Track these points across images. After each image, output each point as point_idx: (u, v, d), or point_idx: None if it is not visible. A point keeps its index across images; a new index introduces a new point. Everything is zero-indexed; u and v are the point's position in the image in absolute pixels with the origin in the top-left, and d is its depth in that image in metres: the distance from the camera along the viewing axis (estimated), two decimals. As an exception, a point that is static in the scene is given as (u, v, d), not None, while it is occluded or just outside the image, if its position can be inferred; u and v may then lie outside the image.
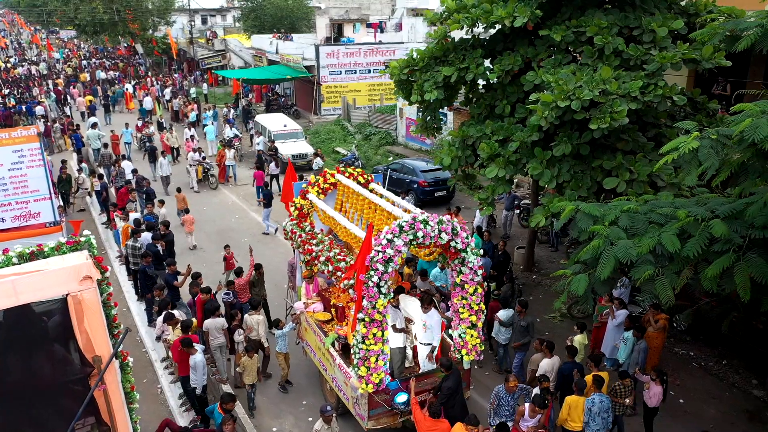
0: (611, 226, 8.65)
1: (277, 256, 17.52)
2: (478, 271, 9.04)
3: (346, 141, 30.02)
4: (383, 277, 8.13)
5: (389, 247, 8.10)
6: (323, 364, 10.29)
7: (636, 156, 10.93)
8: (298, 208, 11.17)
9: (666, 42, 10.82)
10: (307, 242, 10.55)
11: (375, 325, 8.35)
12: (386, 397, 8.80)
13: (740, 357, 12.55)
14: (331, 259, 9.74)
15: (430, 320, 9.38)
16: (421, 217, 8.38)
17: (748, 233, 7.90)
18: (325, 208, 10.54)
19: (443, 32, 12.90)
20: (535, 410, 8.60)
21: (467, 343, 9.28)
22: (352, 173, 11.15)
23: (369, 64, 35.01)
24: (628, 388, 9.50)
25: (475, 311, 9.20)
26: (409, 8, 53.92)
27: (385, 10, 65.68)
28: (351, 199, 10.84)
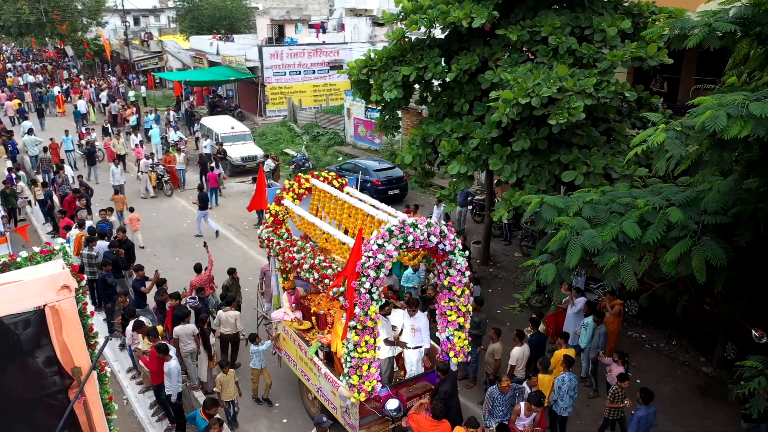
0: (575, 217, 9.06)
1: (234, 259, 17.32)
2: (466, 273, 9.02)
3: (294, 142, 29.85)
4: (375, 283, 8.00)
5: (380, 252, 7.96)
6: (306, 374, 10.04)
7: (591, 150, 11.45)
8: (273, 215, 10.79)
9: (615, 41, 11.41)
10: (286, 250, 10.15)
11: (367, 333, 8.18)
12: (377, 405, 8.68)
13: (688, 337, 13.34)
14: (316, 266, 9.40)
15: (418, 323, 9.28)
16: (410, 221, 8.30)
17: (702, 219, 8.47)
18: (303, 214, 10.23)
19: (401, 32, 13.10)
20: (531, 408, 8.71)
21: (455, 345, 9.23)
22: (326, 177, 10.98)
23: (313, 64, 34.91)
24: (624, 391, 9.49)
25: (462, 313, 9.14)
26: (348, 8, 54.09)
27: (323, 11, 65.56)
28: (328, 204, 10.58)
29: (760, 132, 6.21)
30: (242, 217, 20.76)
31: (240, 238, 18.99)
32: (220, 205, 22.00)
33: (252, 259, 17.44)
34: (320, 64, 35.01)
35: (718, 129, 6.28)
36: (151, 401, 10.45)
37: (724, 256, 8.05)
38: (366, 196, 10.49)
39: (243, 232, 19.54)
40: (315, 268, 9.32)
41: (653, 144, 6.50)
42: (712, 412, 11.05)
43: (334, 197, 10.30)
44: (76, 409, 6.92)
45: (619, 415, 9.61)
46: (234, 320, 11.31)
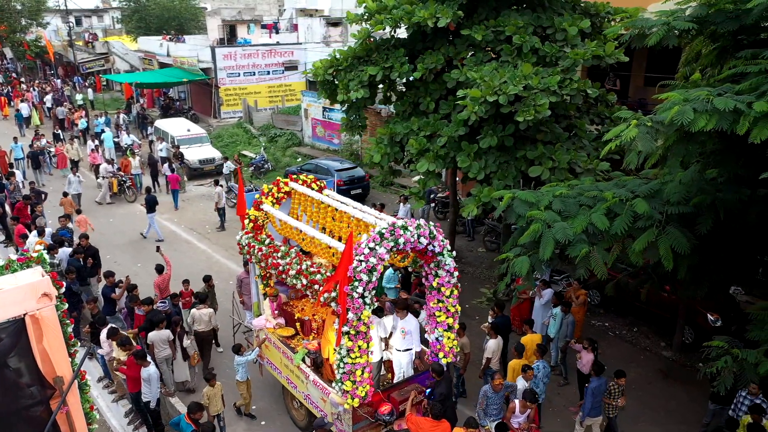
0: (546, 211, 9.36)
1: (199, 263, 17.08)
2: (454, 273, 9.02)
3: (251, 144, 29.55)
4: (368, 287, 7.91)
5: (372, 255, 7.86)
6: (292, 382, 9.86)
7: (555, 146, 11.81)
8: (252, 220, 10.51)
9: (576, 40, 11.82)
10: (269, 256, 9.85)
11: (360, 337, 8.10)
12: (369, 410, 8.60)
13: (648, 324, 13.93)
14: (303, 272, 9.10)
15: (408, 326, 9.18)
16: (400, 223, 8.24)
17: (665, 210, 8.90)
18: (286, 218, 10.01)
19: (366, 32, 13.20)
20: (526, 405, 8.85)
21: (444, 346, 9.20)
22: (305, 180, 10.78)
23: (268, 65, 34.61)
24: (622, 388, 9.59)
25: (451, 313, 9.14)
26: (298, 9, 53.74)
27: (273, 11, 64.92)
28: (309, 208, 10.41)
29: (724, 125, 6.60)
30: (203, 221, 20.46)
31: (203, 242, 18.71)
32: (181, 209, 21.61)
33: (217, 263, 17.24)
34: (275, 65, 34.74)
35: (686, 123, 6.64)
36: (125, 410, 10.23)
37: (688, 244, 8.49)
38: (347, 199, 10.34)
39: (205, 235, 19.26)
40: (303, 274, 9.05)
41: (626, 139, 6.81)
42: (676, 393, 11.59)
43: (317, 201, 10.12)
44: (59, 419, 6.76)
45: (615, 412, 9.71)
46: (208, 318, 11.44)
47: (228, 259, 17.49)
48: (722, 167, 8.11)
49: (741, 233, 9.12)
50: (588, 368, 10.53)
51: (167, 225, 20.08)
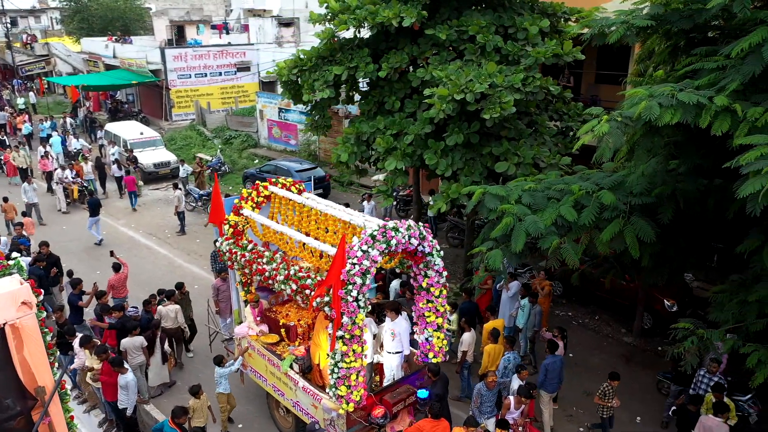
0: (517, 205, 9.65)
1: (161, 269, 16.77)
2: (443, 273, 9.01)
3: (205, 146, 29.08)
4: (361, 290, 7.80)
5: (365, 258, 7.77)
6: (278, 389, 9.64)
7: (519, 142, 12.16)
8: (232, 226, 10.18)
9: (537, 39, 12.19)
10: (254, 262, 9.56)
11: (355, 341, 8.01)
12: (362, 413, 8.52)
13: (609, 312, 14.48)
14: (292, 277, 8.80)
15: (398, 328, 9.10)
16: (390, 224, 8.17)
17: (629, 200, 9.32)
18: (269, 223, 9.76)
19: (330, 32, 13.25)
20: (521, 401, 8.98)
21: (434, 346, 9.18)
22: (284, 183, 10.57)
23: (219, 66, 34.11)
24: (615, 389, 9.68)
25: (441, 313, 9.12)
26: (246, 9, 53.12)
27: (220, 11, 63.88)
28: (291, 213, 10.12)
29: (688, 118, 6.99)
30: (162, 225, 20.05)
31: (163, 247, 18.34)
32: (138, 214, 21.13)
33: (179, 267, 16.94)
34: (227, 66, 34.28)
35: (653, 117, 7.00)
36: (99, 420, 9.99)
37: (652, 232, 8.94)
38: (330, 202, 10.18)
39: (165, 240, 18.89)
40: (292, 279, 8.77)
41: (599, 133, 7.12)
42: (638, 376, 12.10)
43: (299, 204, 9.92)
44: (41, 431, 6.59)
45: (609, 413, 9.82)
46: (174, 314, 11.41)
47: (190, 264, 17.21)
48: (684, 158, 8.55)
49: (699, 222, 9.64)
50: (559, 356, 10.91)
51: (125, 231, 19.60)
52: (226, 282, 11.96)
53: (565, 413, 11.03)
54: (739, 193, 6.21)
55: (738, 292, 8.88)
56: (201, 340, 12.52)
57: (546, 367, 10.27)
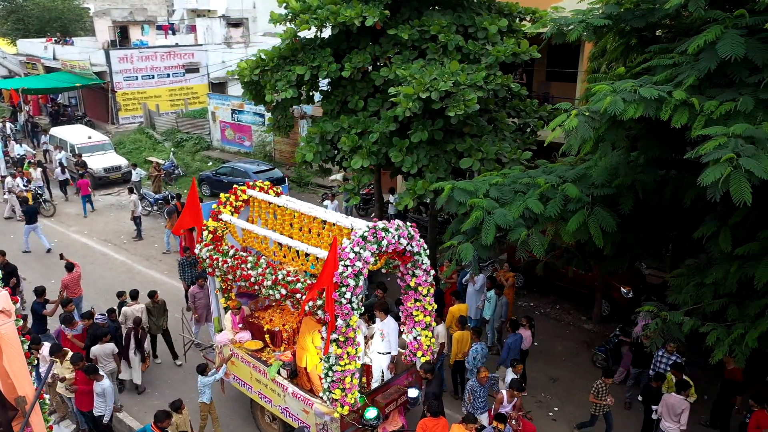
0: (485, 199, 9.94)
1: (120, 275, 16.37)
2: (430, 272, 9.06)
3: (156, 150, 28.47)
4: (355, 292, 7.80)
5: (357, 259, 7.75)
6: (265, 396, 9.45)
7: (481, 138, 12.48)
8: (211, 231, 9.94)
9: (497, 38, 12.54)
10: (237, 267, 9.29)
11: (349, 344, 7.96)
12: (355, 416, 8.42)
13: (568, 301, 15.03)
14: (281, 281, 8.59)
15: (387, 328, 9.12)
16: (380, 225, 8.17)
17: (591, 192, 9.75)
18: (254, 228, 9.55)
19: (292, 32, 13.24)
20: (514, 394, 9.14)
21: (422, 345, 9.22)
22: (262, 187, 10.36)
23: (167, 67, 33.42)
24: (608, 387, 9.79)
25: (428, 311, 9.17)
26: (189, 9, 52.09)
27: (162, 11, 62.39)
28: (271, 215, 9.94)
29: (650, 112, 7.40)
30: (117, 231, 19.56)
31: (121, 253, 17.90)
32: (91, 220, 20.53)
33: (139, 273, 16.58)
34: (175, 67, 33.62)
35: (618, 112, 7.38)
36: (70, 431, 9.73)
37: (614, 222, 9.38)
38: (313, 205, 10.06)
39: (122, 246, 18.43)
40: (281, 284, 8.56)
41: (569, 127, 7.45)
42: (600, 361, 12.63)
43: (280, 207, 9.76)
44: (21, 442, 6.42)
45: (604, 410, 9.91)
46: (140, 313, 11.31)
47: (150, 269, 16.86)
48: (644, 150, 9.01)
49: (656, 211, 10.17)
50: (527, 344, 11.29)
51: (77, 238, 19.01)
52: (204, 289, 11.81)
53: (534, 399, 11.41)
54: (701, 180, 6.62)
55: (694, 276, 9.42)
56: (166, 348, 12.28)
57: (509, 345, 10.85)
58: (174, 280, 15.84)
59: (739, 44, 7.13)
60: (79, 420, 9.43)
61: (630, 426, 10.58)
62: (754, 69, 7.38)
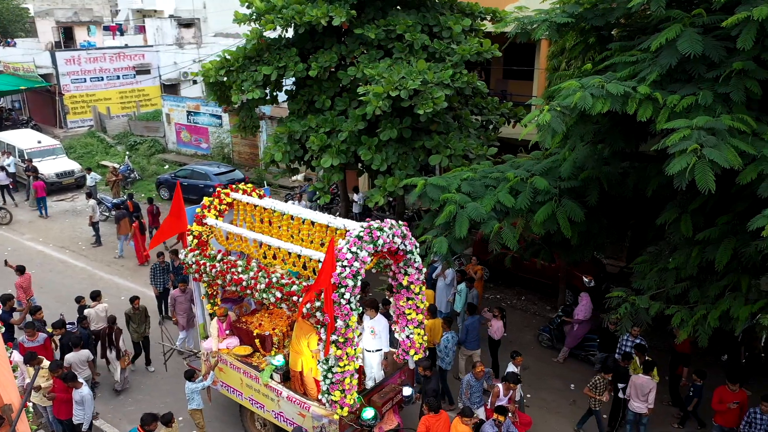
0: (458, 193, 10.21)
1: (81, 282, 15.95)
2: (422, 270, 9.04)
3: (109, 154, 27.76)
4: (353, 292, 7.74)
5: (355, 260, 7.69)
6: (257, 402, 9.24)
7: (449, 135, 12.77)
8: (196, 236, 9.61)
9: (461, 37, 12.85)
10: (227, 272, 9.02)
11: (349, 344, 7.88)
12: (353, 417, 8.35)
13: (533, 291, 15.51)
14: (275, 285, 8.40)
15: (378, 325, 9.02)
16: (375, 224, 8.13)
17: (558, 184, 10.15)
18: (240, 231, 9.28)
19: (258, 33, 13.23)
20: (510, 387, 9.21)
21: (414, 343, 9.20)
22: (245, 190, 10.13)
23: (117, 69, 32.62)
24: (606, 382, 9.80)
25: (420, 310, 9.16)
26: (134, 9, 50.91)
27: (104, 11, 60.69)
28: (257, 218, 9.70)
29: (616, 106, 7.79)
30: (75, 237, 19.03)
31: (80, 260, 17.42)
32: (45, 226, 19.89)
33: (101, 279, 16.18)
34: (125, 69, 32.85)
35: (587, 107, 7.74)
36: (45, 440, 9.50)
37: (581, 213, 9.80)
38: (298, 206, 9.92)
39: (81, 253, 17.94)
40: (276, 287, 8.36)
41: (542, 122, 7.77)
42: (567, 348, 13.10)
43: (268, 210, 9.56)
44: (8, 451, 6.28)
45: (598, 406, 10.03)
46: (105, 313, 11.24)
47: (113, 275, 16.49)
48: (610, 143, 9.44)
49: (619, 201, 10.65)
50: (499, 335, 11.63)
51: (33, 246, 18.39)
52: (186, 293, 11.65)
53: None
54: (668, 170, 7.03)
55: (657, 262, 9.92)
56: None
57: (467, 327, 11.28)
58: (139, 285, 15.58)
59: (697, 42, 7.59)
60: (55, 429, 9.20)
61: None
62: (711, 65, 7.86)
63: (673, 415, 10.79)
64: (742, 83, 7.51)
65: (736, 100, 7.52)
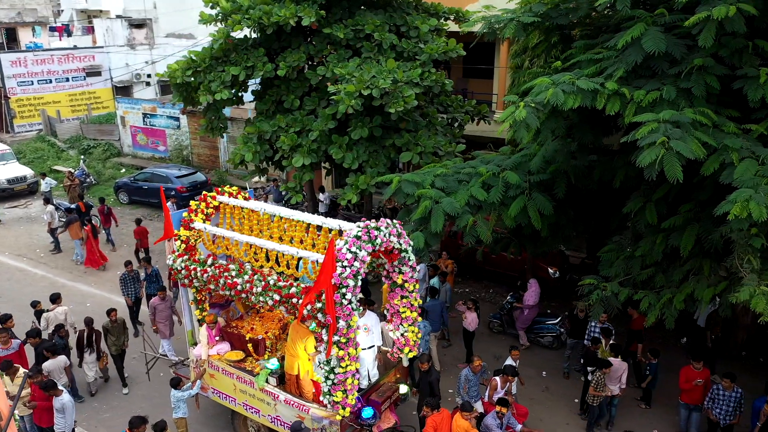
0: (432, 189, 10.46)
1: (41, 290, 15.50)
2: (416, 268, 9.07)
3: (61, 158, 26.93)
4: (354, 292, 7.72)
5: (355, 259, 7.68)
6: (252, 407, 9.13)
7: (418, 133, 13.01)
8: (184, 241, 9.43)
9: (428, 37, 13.10)
10: (220, 276, 8.81)
11: (350, 344, 7.87)
12: (352, 416, 8.31)
13: (500, 284, 15.91)
14: (272, 287, 8.25)
15: (370, 322, 9.07)
16: (372, 224, 8.12)
17: (528, 178, 10.52)
18: (230, 234, 9.12)
19: (225, 33, 13.15)
20: (507, 379, 9.41)
21: (409, 341, 9.23)
22: (231, 192, 9.95)
23: (66, 71, 31.64)
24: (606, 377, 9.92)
25: (415, 307, 9.19)
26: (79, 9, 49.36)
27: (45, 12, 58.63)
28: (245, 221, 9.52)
29: (587, 102, 8.17)
30: (31, 245, 18.46)
31: (39, 268, 16.92)
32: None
33: (64, 287, 15.73)
34: (74, 71, 31.88)
35: (559, 103, 8.09)
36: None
37: (551, 205, 10.19)
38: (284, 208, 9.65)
39: (40, 260, 17.42)
40: (272, 290, 8.25)
41: (519, 118, 8.07)
42: (537, 337, 13.53)
43: (256, 213, 9.41)
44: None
45: (598, 401, 10.12)
46: (64, 316, 11.27)
47: (75, 282, 16.10)
48: (579, 136, 9.85)
49: (586, 193, 11.11)
50: (473, 326, 11.95)
51: (-15, 255, 17.77)
52: (166, 301, 11.45)
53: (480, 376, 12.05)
54: (639, 162, 7.43)
55: (622, 250, 10.39)
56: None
57: (426, 309, 11.58)
58: (105, 292, 15.30)
59: (660, 40, 8.03)
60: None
61: (570, 393, 11.50)
62: (673, 61, 8.32)
63: (635, 398, 11.27)
64: (702, 78, 7.99)
65: (697, 94, 8.00)
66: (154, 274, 13.21)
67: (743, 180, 7.16)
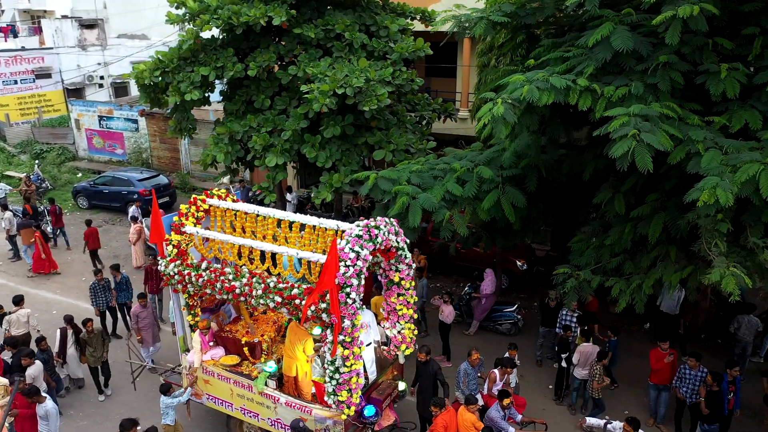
0: (408, 185, 10.66)
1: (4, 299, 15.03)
2: (412, 265, 9.15)
3: (12, 163, 26.05)
4: (358, 291, 7.73)
5: (358, 259, 7.70)
6: (250, 412, 9.01)
7: (389, 131, 13.21)
8: (176, 245, 9.24)
9: (398, 36, 13.31)
10: (216, 280, 8.68)
11: (355, 344, 7.88)
12: (354, 415, 8.28)
13: (469, 278, 16.24)
14: (272, 289, 8.17)
15: (367, 318, 8.94)
16: (372, 223, 8.14)
17: (501, 173, 10.86)
18: (224, 237, 8.99)
19: (194, 33, 13.05)
20: (507, 371, 9.59)
21: (405, 338, 9.30)
22: (219, 195, 9.84)
23: (14, 73, 30.56)
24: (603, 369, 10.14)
25: (411, 305, 9.26)
26: (21, 9, 47.70)
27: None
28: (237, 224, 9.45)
29: (560, 98, 8.52)
30: (-12, 253, 17.84)
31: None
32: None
33: (28, 294, 15.18)
34: (23, 73, 30.83)
35: (534, 99, 8.41)
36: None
37: (523, 199, 10.54)
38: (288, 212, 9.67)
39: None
40: (275, 292, 8.16)
41: (497, 114, 8.35)
42: (508, 327, 13.91)
43: (249, 214, 9.35)
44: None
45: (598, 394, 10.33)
46: (27, 318, 11.34)
47: (38, 289, 15.68)
48: (550, 131, 10.23)
49: (555, 186, 11.52)
50: (450, 319, 12.22)
51: (-59, 264, 17.08)
52: (147, 308, 11.28)
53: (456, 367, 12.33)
54: (612, 153, 7.81)
55: (591, 240, 10.83)
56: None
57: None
58: (71, 299, 14.97)
59: (628, 38, 8.45)
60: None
61: (544, 380, 11.90)
62: (639, 58, 8.76)
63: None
64: (668, 74, 8.45)
65: (663, 89, 8.45)
66: (124, 282, 12.95)
67: (709, 168, 7.61)
